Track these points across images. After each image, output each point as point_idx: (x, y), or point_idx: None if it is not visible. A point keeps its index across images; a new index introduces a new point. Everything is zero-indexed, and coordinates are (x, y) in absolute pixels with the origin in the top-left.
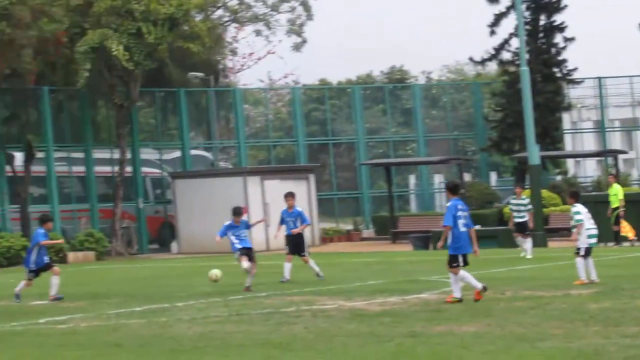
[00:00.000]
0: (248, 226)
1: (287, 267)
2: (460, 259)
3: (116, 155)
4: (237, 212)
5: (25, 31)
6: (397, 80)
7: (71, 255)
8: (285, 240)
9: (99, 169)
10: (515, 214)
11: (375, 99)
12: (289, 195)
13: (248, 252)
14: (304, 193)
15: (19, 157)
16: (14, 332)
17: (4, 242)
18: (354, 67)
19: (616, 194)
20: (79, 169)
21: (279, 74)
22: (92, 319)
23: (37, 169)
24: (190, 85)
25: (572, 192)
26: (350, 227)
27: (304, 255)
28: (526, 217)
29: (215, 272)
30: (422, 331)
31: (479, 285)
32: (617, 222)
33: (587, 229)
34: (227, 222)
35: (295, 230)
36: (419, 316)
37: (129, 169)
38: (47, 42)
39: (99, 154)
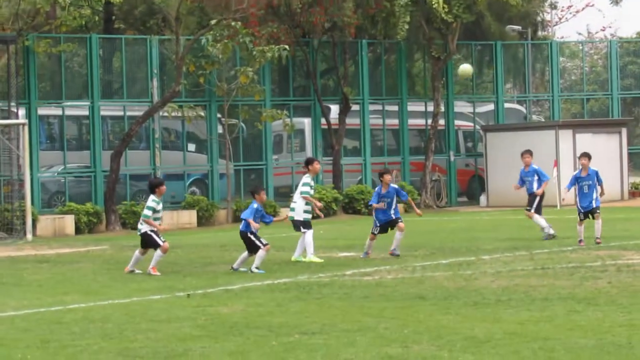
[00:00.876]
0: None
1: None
2: None
3: (430, 108)
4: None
5: None
6: None
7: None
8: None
9: (412, 121)
10: None
11: None
12: (526, 153)
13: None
14: (616, 147)
15: (334, 109)
16: (320, 284)
17: (316, 194)
18: None
19: None
20: (393, 121)
21: (597, 27)
22: (398, 272)
23: (352, 121)
24: (507, 38)
25: None
26: None
27: (529, 210)
28: None
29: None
30: None
31: None
32: None
33: None
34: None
35: (539, 191)
36: None
37: (441, 121)
38: None
39: (413, 106)
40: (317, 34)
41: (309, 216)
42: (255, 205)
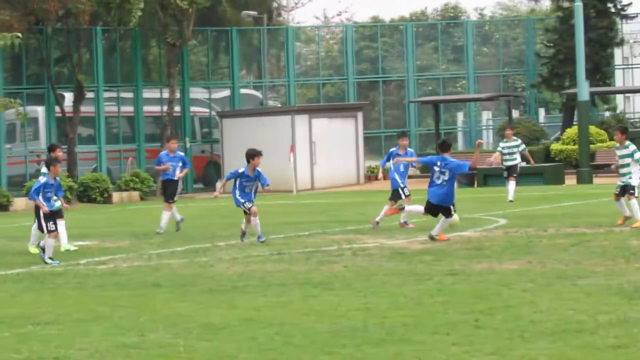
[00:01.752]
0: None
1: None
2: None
3: (165, 94)
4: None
5: None
6: (450, 17)
7: (116, 196)
8: None
9: (147, 108)
10: (507, 157)
11: (427, 36)
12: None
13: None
14: (352, 131)
15: (68, 97)
16: (54, 273)
17: None
18: (408, 4)
19: None
20: (128, 108)
21: (333, 12)
22: (134, 260)
23: (86, 109)
24: (243, 23)
25: (623, 128)
26: None
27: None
28: (517, 160)
29: None
30: (462, 269)
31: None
32: None
33: None
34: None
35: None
36: (459, 254)
37: (177, 108)
38: None
39: (148, 93)
40: (51, 21)
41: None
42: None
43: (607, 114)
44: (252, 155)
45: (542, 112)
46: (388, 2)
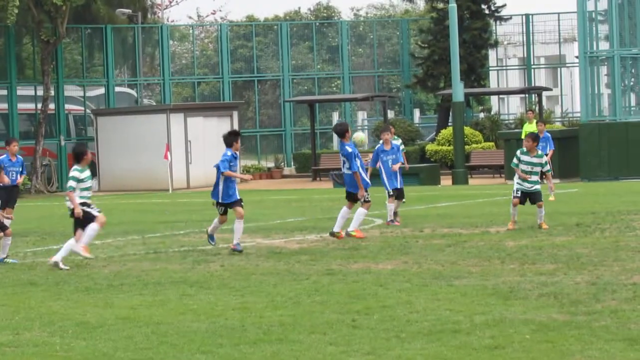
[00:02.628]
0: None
1: None
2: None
3: (40, 92)
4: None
5: None
6: (324, 17)
7: None
8: None
9: (22, 105)
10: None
11: (302, 35)
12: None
13: None
14: (227, 130)
15: None
16: None
17: None
18: (282, 3)
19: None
20: (2, 106)
21: (208, 10)
22: (9, 257)
23: None
24: (118, 21)
25: (535, 135)
26: (272, 164)
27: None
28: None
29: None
30: (339, 269)
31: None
32: None
33: None
34: None
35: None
36: (336, 254)
37: (52, 106)
38: None
39: (22, 91)
40: None
41: None
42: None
43: (481, 115)
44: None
45: (417, 112)
46: (262, 1)
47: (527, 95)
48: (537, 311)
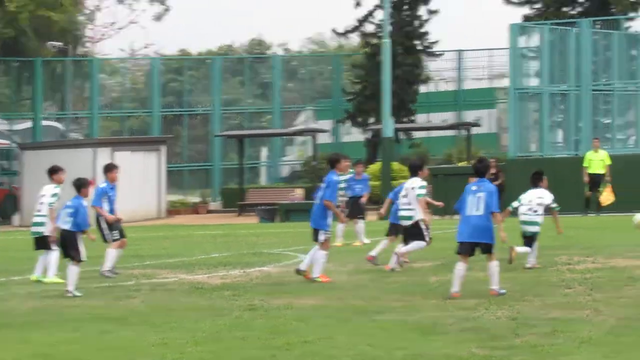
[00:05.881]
0: None
1: None
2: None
3: None
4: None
5: None
6: (257, 52)
7: None
8: None
9: None
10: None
11: (234, 70)
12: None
13: None
14: (154, 165)
15: None
16: None
17: None
18: (215, 38)
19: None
20: None
21: (141, 44)
22: None
23: None
24: (48, 54)
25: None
26: (197, 199)
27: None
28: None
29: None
30: (261, 304)
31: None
32: None
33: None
34: None
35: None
36: (259, 289)
37: None
38: None
39: None
40: None
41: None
42: None
43: (411, 150)
44: None
45: None
46: (196, 35)
47: (458, 131)
48: (457, 346)
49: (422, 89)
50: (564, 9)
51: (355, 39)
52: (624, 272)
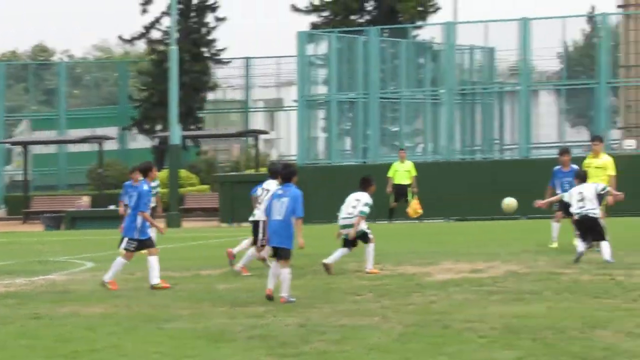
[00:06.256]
0: None
1: None
2: None
3: None
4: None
5: None
6: (41, 59)
7: None
8: None
9: None
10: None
11: (18, 77)
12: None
13: None
14: None
15: None
16: None
17: None
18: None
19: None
20: None
21: None
22: None
23: None
24: None
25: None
26: None
27: None
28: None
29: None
30: (46, 313)
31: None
32: None
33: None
34: None
35: None
36: (44, 297)
37: None
38: None
39: None
40: None
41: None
42: None
43: (199, 157)
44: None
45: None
46: None
47: (245, 138)
48: (245, 353)
49: (210, 96)
50: (352, 17)
51: (142, 45)
52: (412, 279)
